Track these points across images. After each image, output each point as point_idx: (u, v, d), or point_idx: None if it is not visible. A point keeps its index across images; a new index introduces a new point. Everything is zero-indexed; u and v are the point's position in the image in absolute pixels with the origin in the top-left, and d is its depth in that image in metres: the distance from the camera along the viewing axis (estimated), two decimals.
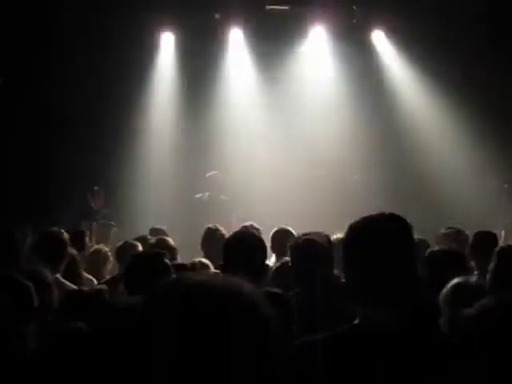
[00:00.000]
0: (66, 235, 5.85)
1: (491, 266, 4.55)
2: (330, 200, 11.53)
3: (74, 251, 5.89)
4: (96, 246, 7.46)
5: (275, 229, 6.74)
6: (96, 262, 6.81)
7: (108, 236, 9.47)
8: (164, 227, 8.39)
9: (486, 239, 6.24)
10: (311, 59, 12.73)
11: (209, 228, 6.51)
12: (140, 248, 6.60)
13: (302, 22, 12.45)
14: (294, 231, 6.56)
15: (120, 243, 6.96)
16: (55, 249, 5.62)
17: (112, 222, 10.21)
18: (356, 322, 2.34)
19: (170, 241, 6.36)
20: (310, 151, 12.37)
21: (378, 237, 2.34)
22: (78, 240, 6.78)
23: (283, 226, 6.81)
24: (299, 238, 4.62)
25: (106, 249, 7.23)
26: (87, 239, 7.54)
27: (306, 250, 4.39)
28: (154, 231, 7.91)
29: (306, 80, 12.63)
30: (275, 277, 5.00)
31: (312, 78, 12.68)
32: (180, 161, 12.50)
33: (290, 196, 11.82)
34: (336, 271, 4.40)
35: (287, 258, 5.09)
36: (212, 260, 5.88)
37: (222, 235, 6.31)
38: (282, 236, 6.41)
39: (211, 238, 6.33)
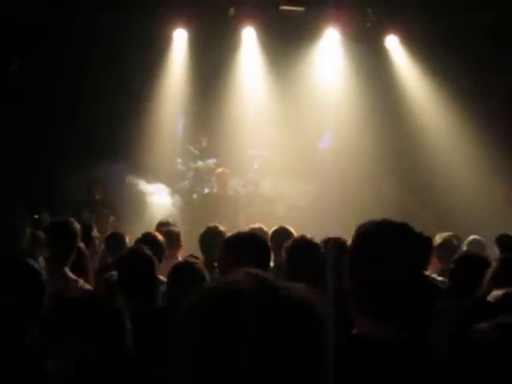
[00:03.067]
0: (78, 227, 5.55)
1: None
2: (334, 202, 11.48)
3: (82, 244, 5.74)
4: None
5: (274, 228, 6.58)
6: None
7: (107, 226, 9.55)
8: (171, 219, 8.27)
9: None
10: (324, 61, 12.69)
11: (208, 227, 6.42)
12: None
13: (315, 23, 12.42)
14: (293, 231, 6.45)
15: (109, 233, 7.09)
16: (67, 241, 5.22)
17: (109, 210, 10.38)
18: (355, 331, 2.22)
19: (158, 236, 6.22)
20: (320, 150, 12.33)
21: (391, 244, 2.22)
22: (86, 233, 6.71)
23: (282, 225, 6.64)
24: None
25: None
26: (95, 231, 7.46)
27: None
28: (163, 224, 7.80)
29: (317, 81, 12.59)
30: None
31: (324, 80, 12.64)
32: (190, 159, 12.57)
33: (300, 195, 11.81)
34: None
35: None
36: (209, 258, 5.82)
37: (221, 233, 6.22)
38: (279, 235, 6.27)
39: (210, 235, 6.23)
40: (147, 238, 5.85)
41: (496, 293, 3.56)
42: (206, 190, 11.78)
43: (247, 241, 4.00)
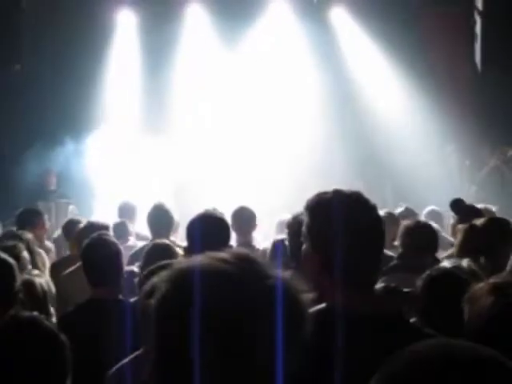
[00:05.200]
0: None
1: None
2: (293, 175, 11.50)
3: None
4: None
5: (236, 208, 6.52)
6: None
7: (66, 214, 9.44)
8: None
9: None
10: (272, 34, 12.63)
11: (154, 204, 6.36)
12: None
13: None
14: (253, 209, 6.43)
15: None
16: None
17: (67, 200, 10.23)
18: (325, 304, 2.25)
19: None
20: (270, 126, 12.29)
21: (346, 216, 2.27)
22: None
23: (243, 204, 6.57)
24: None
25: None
26: (46, 217, 7.32)
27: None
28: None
29: (267, 58, 12.54)
30: None
31: (272, 53, 12.59)
32: (139, 143, 12.39)
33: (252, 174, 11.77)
34: None
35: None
36: (157, 236, 5.73)
37: (168, 210, 6.23)
38: (240, 215, 6.30)
39: (156, 213, 6.20)
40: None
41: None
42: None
43: (199, 221, 4.08)
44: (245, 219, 6.25)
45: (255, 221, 6.34)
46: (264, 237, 7.28)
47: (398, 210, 7.37)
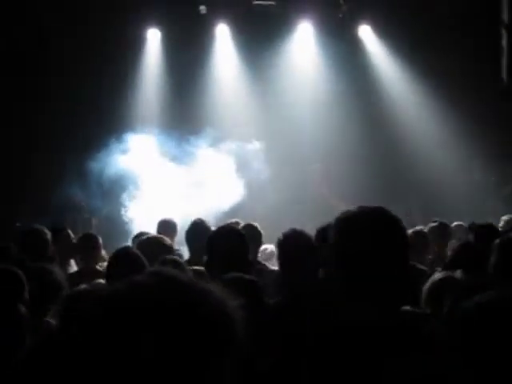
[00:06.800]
0: (49, 234, 5.79)
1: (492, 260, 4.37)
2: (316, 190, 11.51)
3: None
4: None
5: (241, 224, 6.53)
6: None
7: (90, 228, 9.55)
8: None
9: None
10: (298, 54, 12.70)
11: (194, 222, 6.17)
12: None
13: (288, 17, 12.44)
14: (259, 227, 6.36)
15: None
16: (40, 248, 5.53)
17: (89, 215, 10.37)
18: (342, 316, 2.28)
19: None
20: (297, 145, 12.32)
21: (371, 231, 2.30)
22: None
23: (250, 222, 6.57)
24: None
25: None
26: (69, 231, 7.40)
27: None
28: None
29: (292, 74, 12.60)
30: None
31: (299, 73, 12.65)
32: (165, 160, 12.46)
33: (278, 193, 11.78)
34: None
35: None
36: (195, 255, 5.67)
37: (208, 228, 5.97)
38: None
39: (196, 231, 5.96)
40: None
41: None
42: None
43: (217, 236, 4.20)
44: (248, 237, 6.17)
45: (260, 239, 6.23)
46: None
47: (431, 225, 7.35)
